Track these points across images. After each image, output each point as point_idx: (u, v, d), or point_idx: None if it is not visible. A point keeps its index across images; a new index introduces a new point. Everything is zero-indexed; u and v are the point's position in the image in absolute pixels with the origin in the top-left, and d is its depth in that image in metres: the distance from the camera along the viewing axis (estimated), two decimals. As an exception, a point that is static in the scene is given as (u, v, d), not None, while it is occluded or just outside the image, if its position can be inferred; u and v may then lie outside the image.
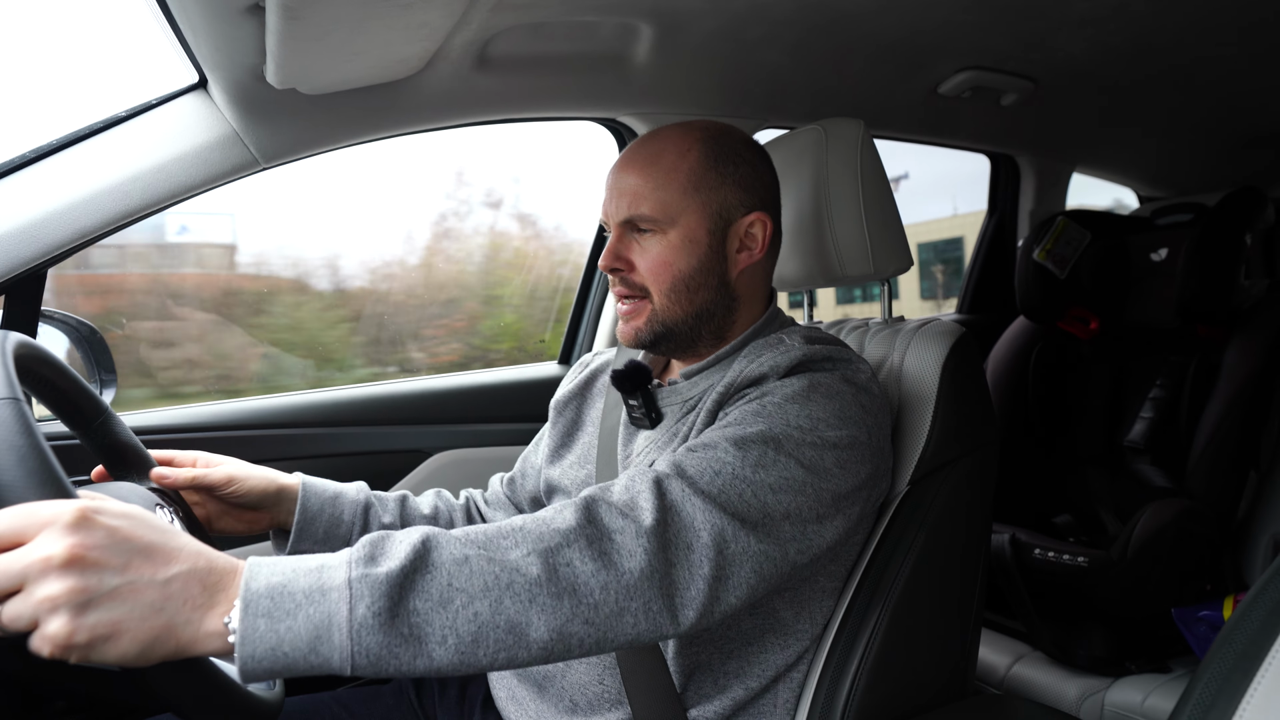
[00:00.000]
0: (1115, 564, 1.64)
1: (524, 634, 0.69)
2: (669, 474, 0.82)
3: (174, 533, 0.64)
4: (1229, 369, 1.84)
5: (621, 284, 1.03)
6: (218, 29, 1.07)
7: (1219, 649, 0.58)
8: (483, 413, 1.82)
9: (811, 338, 1.01)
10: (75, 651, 0.57)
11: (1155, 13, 1.53)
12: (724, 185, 1.01)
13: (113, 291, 2.05)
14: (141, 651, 0.59)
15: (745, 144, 1.05)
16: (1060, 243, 2.10)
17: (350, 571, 0.65)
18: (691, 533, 0.78)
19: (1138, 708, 1.58)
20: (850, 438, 0.89)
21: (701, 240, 1.00)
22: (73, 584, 0.56)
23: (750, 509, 0.81)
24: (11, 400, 0.66)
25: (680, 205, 0.99)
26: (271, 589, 0.63)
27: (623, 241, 1.02)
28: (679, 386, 1.06)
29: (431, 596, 0.67)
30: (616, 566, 0.73)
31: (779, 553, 0.82)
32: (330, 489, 1.11)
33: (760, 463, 0.83)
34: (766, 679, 0.97)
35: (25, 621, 0.57)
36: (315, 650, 0.63)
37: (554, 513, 0.76)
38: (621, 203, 1.01)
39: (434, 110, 1.49)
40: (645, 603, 0.74)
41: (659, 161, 1.00)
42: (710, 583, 0.77)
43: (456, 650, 0.67)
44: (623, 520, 0.76)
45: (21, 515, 0.59)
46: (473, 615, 0.67)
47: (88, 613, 0.57)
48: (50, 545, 0.57)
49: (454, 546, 0.70)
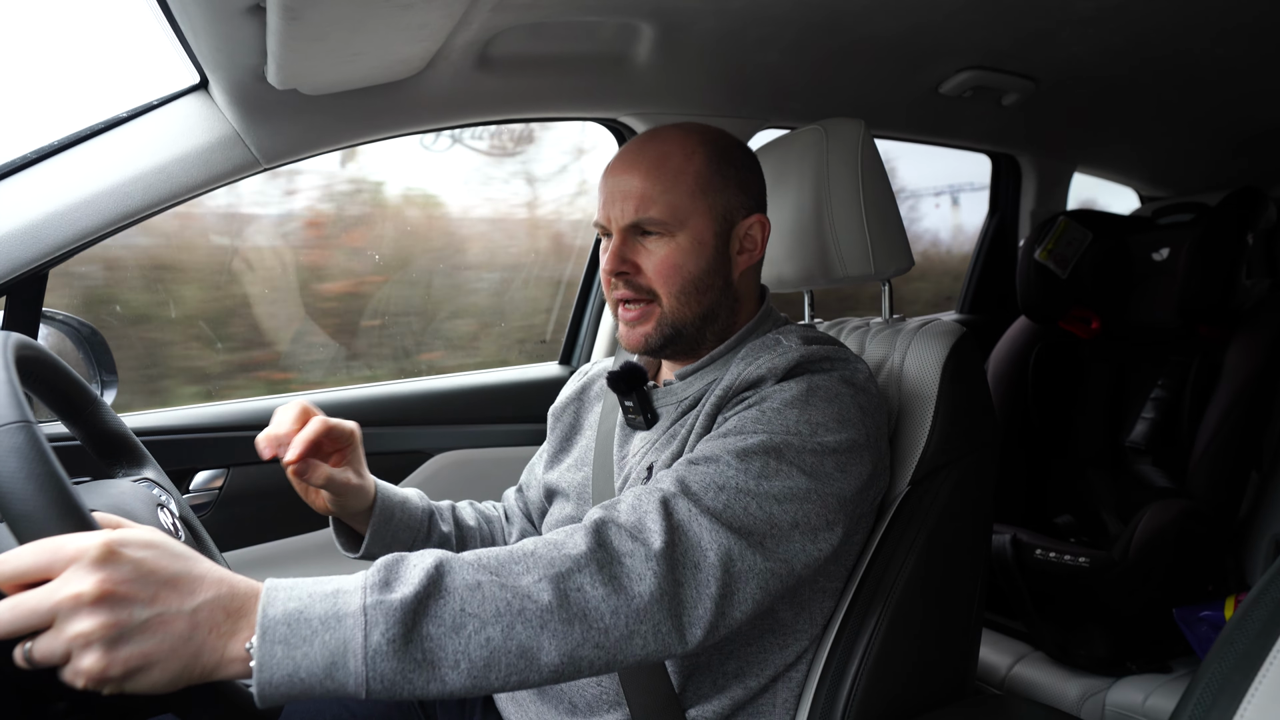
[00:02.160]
0: (1116, 564, 1.63)
1: (535, 658, 0.70)
2: (674, 492, 0.82)
3: (194, 559, 0.65)
4: (1230, 369, 1.84)
5: (627, 287, 1.01)
6: (218, 29, 1.07)
7: (1220, 649, 0.58)
8: (484, 414, 1.82)
9: (808, 337, 1.01)
10: (109, 684, 0.59)
11: (1156, 12, 1.53)
12: (728, 188, 1.01)
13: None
14: (172, 680, 0.61)
15: (740, 147, 1.06)
16: (1061, 242, 2.10)
17: (365, 598, 0.66)
18: (699, 552, 0.78)
19: (1139, 708, 1.58)
20: (850, 440, 0.89)
21: (708, 243, 1.00)
22: (104, 620, 0.58)
23: (756, 522, 0.81)
24: (24, 424, 0.66)
25: (689, 208, 0.99)
26: (288, 615, 0.64)
27: (627, 245, 1.01)
28: (674, 387, 1.06)
29: (445, 622, 0.67)
30: (627, 591, 0.74)
31: (785, 568, 0.83)
32: (398, 494, 1.11)
33: (763, 473, 0.84)
34: (766, 679, 0.97)
35: (58, 657, 0.58)
36: (331, 676, 0.64)
37: (565, 536, 0.77)
38: (627, 206, 0.99)
39: (435, 110, 1.49)
40: (655, 625, 0.74)
41: (665, 164, 0.99)
42: (717, 601, 0.78)
43: (469, 674, 0.67)
44: (632, 543, 0.76)
45: (48, 550, 0.60)
46: (485, 640, 0.68)
47: (120, 647, 0.58)
48: (79, 582, 0.58)
49: (467, 572, 0.70)
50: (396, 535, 1.09)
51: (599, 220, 1.04)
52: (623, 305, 1.03)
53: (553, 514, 1.16)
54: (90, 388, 0.93)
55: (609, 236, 1.03)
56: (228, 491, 1.52)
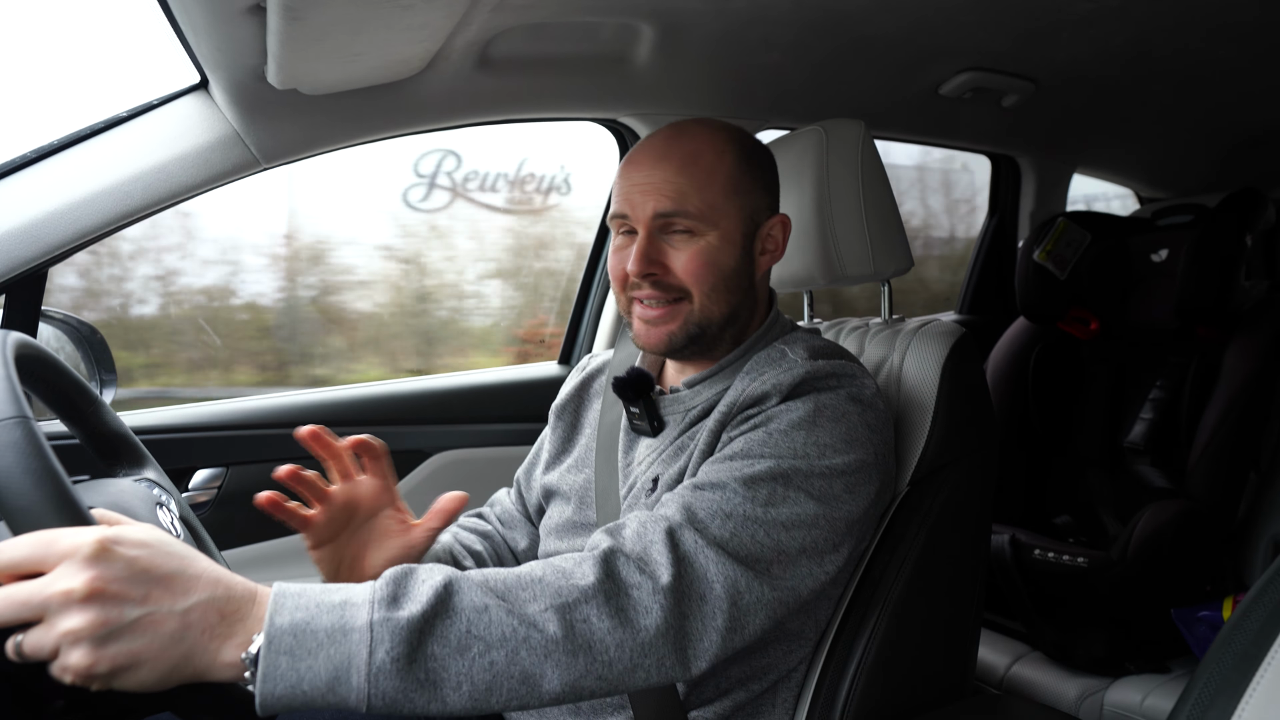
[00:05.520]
0: (1115, 564, 1.64)
1: (537, 685, 0.70)
2: (681, 522, 0.81)
3: (192, 558, 0.64)
4: (1229, 370, 1.84)
5: (654, 287, 0.97)
6: (219, 29, 1.07)
7: (1218, 649, 0.58)
8: (483, 413, 1.82)
9: (814, 350, 0.99)
10: (96, 680, 0.58)
11: (1156, 14, 1.53)
12: (755, 188, 1.00)
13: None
14: (160, 679, 0.60)
15: (763, 148, 1.05)
16: (1061, 243, 2.10)
17: (373, 613, 0.66)
18: (705, 584, 0.78)
19: (1137, 708, 1.58)
20: (859, 461, 0.88)
21: (737, 243, 0.99)
22: (94, 617, 0.57)
23: (764, 550, 0.81)
24: (21, 420, 0.65)
25: (723, 208, 0.97)
26: (295, 626, 0.64)
27: (653, 244, 0.97)
28: (681, 395, 1.04)
29: (450, 643, 0.67)
30: (633, 624, 0.73)
31: (792, 597, 0.83)
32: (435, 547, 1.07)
33: (770, 500, 0.83)
34: (769, 682, 0.97)
35: (47, 652, 0.58)
36: (333, 690, 0.64)
37: (573, 565, 0.76)
38: (661, 199, 0.95)
39: (435, 111, 1.49)
40: (659, 659, 0.74)
41: (698, 161, 0.97)
42: (724, 634, 0.77)
43: (470, 696, 0.67)
44: (640, 575, 0.76)
45: (41, 544, 0.59)
46: (489, 664, 0.68)
47: (108, 645, 0.58)
48: (71, 578, 0.58)
49: (475, 594, 0.70)
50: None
51: (617, 211, 1.00)
52: (640, 303, 1.00)
53: (551, 517, 1.14)
54: (90, 388, 0.93)
55: (625, 233, 1.00)
56: (226, 490, 1.52)
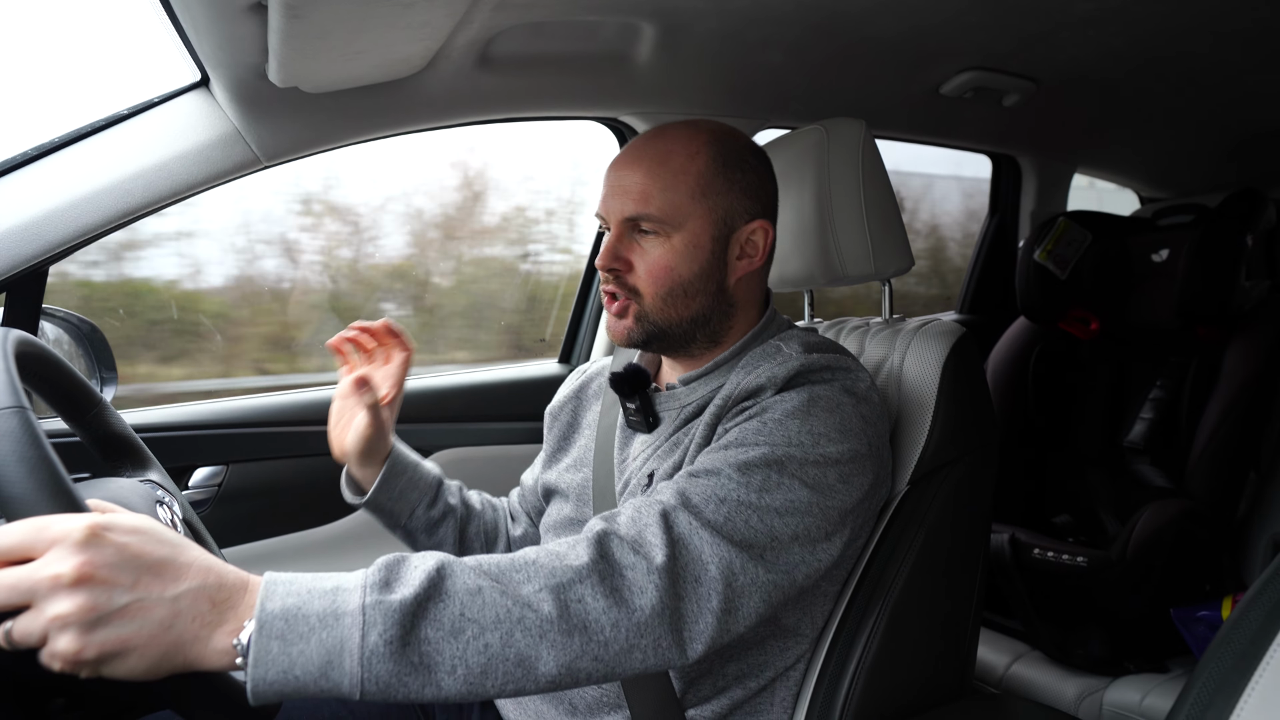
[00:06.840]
0: (1114, 564, 1.64)
1: (533, 667, 0.69)
2: (675, 505, 0.81)
3: (184, 546, 0.64)
4: (1229, 370, 1.84)
5: (614, 283, 1.00)
6: (220, 27, 1.07)
7: (1217, 649, 0.58)
8: (484, 411, 1.82)
9: (809, 345, 0.99)
10: (85, 667, 0.58)
11: (1156, 14, 1.53)
12: (731, 191, 0.99)
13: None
14: (150, 667, 0.60)
15: (751, 149, 1.04)
16: (1061, 243, 2.10)
17: (365, 597, 0.65)
18: (699, 566, 0.78)
19: (1136, 707, 1.58)
20: (852, 451, 0.89)
21: (704, 246, 0.99)
22: (82, 603, 0.57)
23: (758, 535, 0.81)
24: (18, 409, 0.66)
25: (688, 210, 0.97)
26: (286, 611, 0.63)
27: (623, 241, 1.00)
28: (677, 392, 1.05)
29: (443, 626, 0.67)
30: (628, 604, 0.73)
31: (787, 580, 0.83)
32: (413, 455, 1.16)
33: (764, 486, 0.83)
34: (766, 679, 0.97)
35: (35, 638, 0.58)
36: (326, 675, 0.63)
37: (567, 547, 0.76)
38: (626, 200, 0.98)
39: (436, 109, 1.49)
40: (655, 639, 0.74)
41: (667, 162, 0.98)
42: (719, 616, 0.77)
43: (465, 680, 0.67)
44: (634, 556, 0.76)
45: (32, 530, 0.59)
46: (483, 647, 0.68)
47: (97, 630, 0.58)
48: (60, 563, 0.58)
49: (468, 576, 0.70)
50: (404, 492, 1.12)
51: (598, 212, 1.03)
52: (609, 298, 1.03)
53: (550, 514, 1.15)
54: (93, 388, 0.93)
55: (607, 231, 1.03)
56: (227, 488, 1.52)
